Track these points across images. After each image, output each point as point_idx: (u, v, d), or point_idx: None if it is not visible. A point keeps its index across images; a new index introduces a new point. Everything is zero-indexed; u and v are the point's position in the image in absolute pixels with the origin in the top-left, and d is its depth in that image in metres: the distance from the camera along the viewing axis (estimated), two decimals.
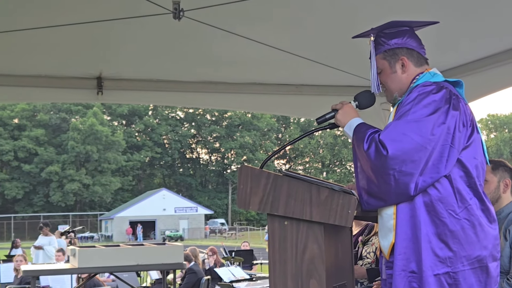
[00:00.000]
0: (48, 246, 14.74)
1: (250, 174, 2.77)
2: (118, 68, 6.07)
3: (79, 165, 79.59)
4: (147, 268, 6.53)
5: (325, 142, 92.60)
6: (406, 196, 2.69)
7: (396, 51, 2.99)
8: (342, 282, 2.88)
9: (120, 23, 4.74)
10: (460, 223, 2.69)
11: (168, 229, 67.19)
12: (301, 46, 5.47)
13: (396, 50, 2.99)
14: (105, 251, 5.39)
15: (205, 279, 10.50)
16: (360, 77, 6.33)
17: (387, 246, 2.80)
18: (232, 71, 6.26)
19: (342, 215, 2.63)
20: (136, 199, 75.82)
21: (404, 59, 2.99)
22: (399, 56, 2.99)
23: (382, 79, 3.06)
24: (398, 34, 3.00)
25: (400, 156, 2.64)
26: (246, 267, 12.77)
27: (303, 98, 6.81)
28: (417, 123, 2.68)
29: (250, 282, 9.50)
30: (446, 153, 2.70)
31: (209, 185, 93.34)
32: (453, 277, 2.67)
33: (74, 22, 4.79)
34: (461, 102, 2.82)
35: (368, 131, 2.79)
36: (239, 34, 4.98)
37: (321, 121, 3.03)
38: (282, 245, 2.73)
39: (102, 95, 6.19)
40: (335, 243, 2.85)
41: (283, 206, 2.70)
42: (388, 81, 3.03)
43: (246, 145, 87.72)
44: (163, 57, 5.86)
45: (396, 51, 2.99)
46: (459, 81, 2.96)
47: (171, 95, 6.54)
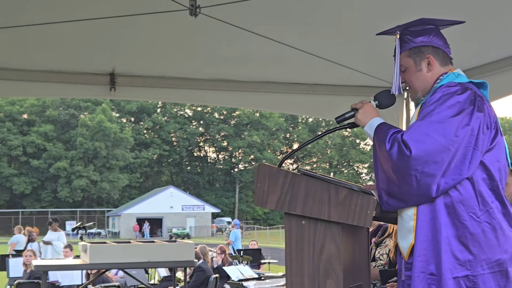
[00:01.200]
0: (57, 241, 14.78)
1: (268, 173, 2.74)
2: (131, 64, 6.06)
3: (87, 161, 79.82)
4: (157, 265, 6.52)
5: (333, 143, 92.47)
6: (427, 198, 2.66)
7: (422, 49, 2.95)
8: (358, 283, 2.85)
9: (134, 19, 4.73)
10: (481, 226, 2.66)
11: (175, 227, 67.26)
12: (315, 45, 5.44)
13: (422, 48, 2.95)
14: (116, 247, 5.38)
15: (213, 277, 10.50)
16: (374, 77, 6.32)
17: (406, 247, 2.77)
18: (245, 69, 6.25)
19: (360, 216, 2.60)
20: (143, 196, 75.96)
21: (430, 58, 2.95)
22: (425, 54, 2.95)
23: (406, 77, 3.01)
24: (424, 32, 2.96)
25: (423, 157, 2.61)
26: (254, 266, 12.75)
27: (316, 98, 6.78)
28: (441, 124, 2.65)
29: (258, 281, 9.48)
30: (469, 155, 2.67)
31: (216, 183, 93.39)
32: (473, 281, 2.64)
33: (87, 18, 4.78)
34: (485, 104, 2.78)
35: (390, 131, 2.75)
36: (255, 31, 4.96)
37: (340, 120, 3.00)
38: (299, 244, 2.71)
39: (115, 92, 6.18)
40: (352, 243, 2.83)
41: (300, 205, 2.68)
42: (412, 79, 2.99)
43: (254, 144, 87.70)
44: (177, 54, 5.85)
45: (422, 49, 2.95)
46: (483, 82, 2.92)
47: (184, 92, 6.51)
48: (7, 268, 12.20)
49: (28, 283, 9.92)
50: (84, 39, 5.37)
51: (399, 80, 2.99)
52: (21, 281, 9.99)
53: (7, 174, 76.10)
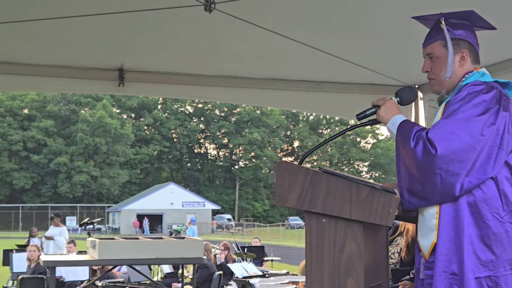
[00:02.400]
0: (59, 236, 14.78)
1: (288, 170, 2.72)
2: (140, 60, 6.04)
3: (87, 157, 79.85)
4: (166, 262, 6.51)
5: (334, 141, 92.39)
6: (451, 197, 2.64)
7: (460, 43, 2.92)
8: (378, 282, 2.83)
9: (144, 14, 4.71)
10: (504, 226, 2.64)
11: (175, 223, 67.28)
12: (324, 42, 5.41)
13: (460, 41, 2.92)
14: (125, 243, 5.36)
15: (217, 274, 10.48)
16: (382, 74, 6.29)
17: (427, 246, 2.74)
18: (254, 66, 6.23)
19: (383, 214, 2.58)
20: (144, 192, 75.99)
21: (465, 52, 2.92)
22: (461, 48, 2.92)
23: (435, 67, 2.96)
24: (463, 26, 2.93)
25: (448, 155, 2.59)
26: (257, 263, 12.72)
27: (323, 95, 6.76)
28: (467, 122, 2.63)
29: (263, 278, 9.46)
30: (494, 155, 2.65)
31: (216, 180, 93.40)
32: (495, 281, 2.62)
33: (97, 13, 4.76)
34: (511, 104, 2.76)
35: (414, 129, 2.72)
36: (266, 28, 4.93)
37: (361, 117, 2.96)
38: (320, 242, 2.69)
39: (123, 87, 6.16)
40: (372, 242, 2.81)
41: (321, 203, 2.65)
42: (442, 70, 2.93)
43: (255, 142, 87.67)
44: (186, 50, 5.82)
45: (459, 42, 2.92)
46: (509, 82, 2.88)
47: (192, 88, 6.49)
48: (11, 263, 12.18)
49: (32, 278, 9.89)
50: (93, 34, 5.36)
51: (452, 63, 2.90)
52: (24, 276, 9.96)
53: (7, 169, 76.13)
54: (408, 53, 5.67)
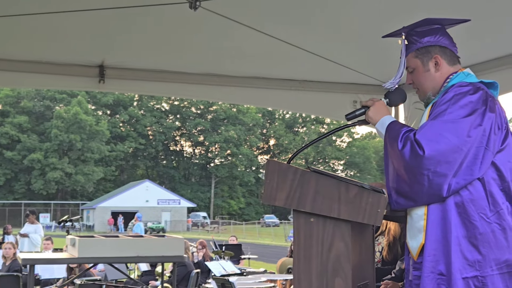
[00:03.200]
0: (34, 234, 14.64)
1: (277, 169, 2.72)
2: (121, 57, 6.00)
3: (62, 153, 79.11)
4: (147, 260, 6.47)
5: (310, 139, 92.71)
6: (438, 198, 2.65)
7: (429, 49, 2.94)
8: (365, 281, 2.84)
9: (127, 11, 4.68)
10: (490, 226, 2.66)
11: (150, 221, 66.98)
12: (308, 41, 5.42)
13: (429, 48, 2.94)
14: (105, 241, 5.32)
15: (194, 272, 10.46)
16: (365, 74, 6.33)
17: (416, 247, 2.76)
18: (237, 64, 6.22)
19: (371, 214, 2.59)
20: (119, 190, 75.51)
21: (437, 57, 2.94)
22: (432, 54, 2.94)
23: (414, 78, 3.01)
24: (431, 32, 2.95)
25: (436, 156, 2.60)
26: (234, 262, 12.71)
27: (306, 94, 6.77)
28: (454, 123, 2.64)
29: (241, 277, 9.45)
30: (481, 156, 2.66)
31: (192, 178, 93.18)
32: (482, 281, 2.64)
33: (79, 9, 4.72)
34: (497, 104, 2.78)
35: (402, 130, 2.74)
36: (252, 26, 4.92)
37: (350, 117, 2.98)
38: (308, 241, 2.69)
39: (104, 84, 6.12)
40: (359, 241, 2.81)
41: (310, 202, 2.66)
42: (421, 80, 2.98)
43: (231, 140, 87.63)
44: (168, 48, 5.80)
45: (429, 49, 2.95)
46: (494, 82, 2.91)
47: (174, 86, 6.46)
48: None
49: (7, 276, 9.76)
50: (74, 30, 5.31)
51: (399, 79, 2.99)
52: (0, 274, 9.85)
53: None
54: (389, 53, 5.70)
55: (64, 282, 7.20)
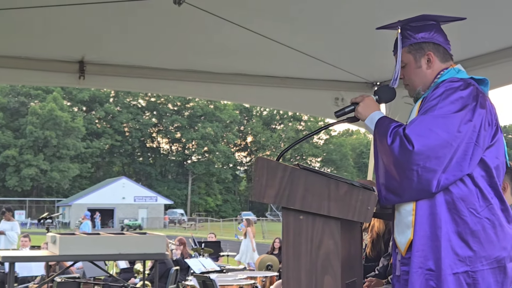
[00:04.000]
0: (11, 231, 14.44)
1: (266, 166, 2.69)
2: (102, 53, 5.94)
3: (37, 150, 78.32)
4: (128, 258, 6.42)
5: (287, 136, 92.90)
6: (427, 193, 2.65)
7: (423, 46, 2.93)
8: (353, 279, 2.84)
9: (106, 6, 4.63)
10: (481, 222, 2.66)
11: (127, 218, 66.65)
12: (290, 38, 5.41)
13: (423, 44, 2.93)
14: (87, 239, 5.27)
15: (174, 270, 10.41)
16: (345, 71, 6.34)
17: (404, 242, 2.75)
18: (218, 61, 6.19)
19: (361, 211, 2.58)
20: (95, 187, 75.01)
21: (430, 54, 2.93)
22: (426, 51, 2.93)
23: (405, 73, 2.99)
24: (425, 28, 2.94)
25: (425, 152, 2.59)
26: (213, 259, 12.68)
27: (287, 91, 6.77)
28: (444, 119, 2.64)
29: (220, 274, 9.42)
30: (470, 152, 2.66)
31: (169, 175, 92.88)
32: (472, 277, 2.64)
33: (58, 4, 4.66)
34: (487, 101, 2.78)
35: (391, 125, 2.73)
36: (233, 21, 4.89)
37: (340, 114, 2.96)
38: (297, 239, 2.67)
39: (84, 80, 6.06)
40: (348, 239, 2.80)
41: (300, 200, 2.64)
42: (412, 75, 2.97)
43: (208, 136, 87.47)
44: (150, 43, 5.75)
45: (422, 46, 2.93)
46: (484, 79, 2.91)
47: (155, 82, 6.43)
48: None
49: None
50: (53, 25, 5.25)
51: (398, 74, 2.97)
52: None
53: None
54: (370, 51, 5.73)
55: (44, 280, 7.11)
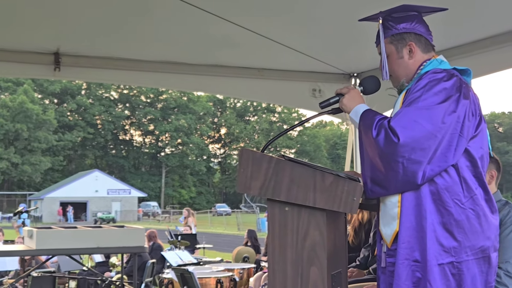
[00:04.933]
0: None
1: (251, 158, 2.68)
2: (77, 44, 5.86)
3: (7, 143, 77.34)
4: (107, 251, 6.37)
5: (261, 128, 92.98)
6: (413, 185, 2.66)
7: (404, 36, 2.94)
8: (338, 270, 2.83)
9: None
10: (465, 212, 2.67)
11: (100, 211, 66.20)
12: (266, 28, 5.38)
13: (404, 35, 2.93)
14: (64, 232, 5.20)
15: (150, 263, 10.37)
16: (323, 62, 6.33)
17: (390, 234, 2.76)
18: (195, 52, 6.14)
19: (347, 202, 2.57)
20: (67, 180, 74.38)
21: (412, 45, 2.93)
22: (407, 41, 2.94)
23: (388, 65, 2.98)
24: (407, 18, 2.94)
25: (410, 143, 2.60)
26: (189, 251, 12.63)
27: (264, 83, 6.75)
28: (428, 110, 2.64)
29: (198, 266, 9.38)
30: (455, 142, 2.67)
31: (142, 167, 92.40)
32: (457, 267, 2.65)
33: None
34: (470, 91, 2.79)
35: (376, 118, 2.73)
36: (207, 10, 4.84)
37: (324, 105, 2.95)
38: (282, 231, 2.66)
39: (60, 72, 5.98)
40: (333, 230, 2.80)
41: (285, 191, 2.63)
42: (394, 66, 2.96)
43: (181, 129, 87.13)
44: (126, 35, 5.68)
45: (404, 36, 2.94)
46: (467, 69, 2.92)
47: (131, 74, 6.37)
48: None
49: None
50: (27, 16, 5.15)
51: (386, 67, 2.96)
52: None
53: None
54: (348, 42, 5.73)
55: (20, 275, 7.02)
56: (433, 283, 2.63)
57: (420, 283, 2.65)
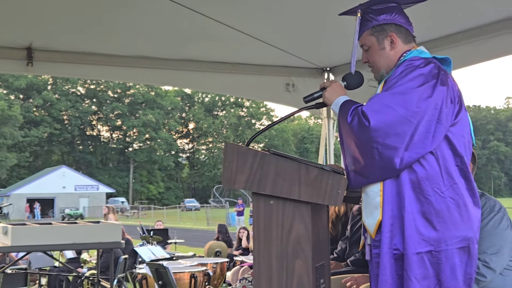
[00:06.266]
0: None
1: (236, 152, 2.69)
2: (50, 39, 5.80)
3: None
4: (83, 247, 6.30)
5: (229, 123, 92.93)
6: (392, 171, 2.66)
7: (385, 27, 2.96)
8: (321, 262, 2.86)
9: None
10: (445, 201, 2.68)
11: (67, 207, 65.51)
12: (240, 22, 5.38)
13: (385, 26, 2.96)
14: (40, 229, 5.15)
15: (122, 258, 10.30)
16: (296, 56, 6.36)
17: (373, 224, 2.77)
18: (169, 46, 6.12)
19: (331, 195, 2.60)
20: (34, 176, 73.44)
21: (393, 35, 2.95)
22: (388, 32, 2.96)
23: (369, 56, 3.01)
24: (387, 10, 2.96)
25: (382, 128, 2.61)
26: (161, 246, 12.60)
27: (238, 77, 6.76)
28: (402, 95, 2.65)
29: (171, 261, 9.37)
30: (432, 129, 2.67)
31: (109, 163, 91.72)
32: (436, 256, 2.67)
33: None
34: (449, 78, 2.80)
35: (352, 106, 2.75)
36: (183, 4, 4.83)
37: (308, 99, 2.96)
38: (268, 224, 2.68)
39: (32, 67, 5.91)
40: (317, 223, 2.82)
41: (270, 185, 2.64)
42: (376, 57, 2.99)
43: (149, 124, 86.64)
44: (98, 29, 5.62)
45: (384, 27, 2.96)
46: (447, 58, 2.94)
47: (105, 69, 6.33)
48: None
49: None
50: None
51: (354, 60, 2.99)
52: None
53: None
54: (321, 36, 5.77)
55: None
56: (409, 272, 2.64)
57: (402, 272, 2.67)
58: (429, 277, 2.67)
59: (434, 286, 2.68)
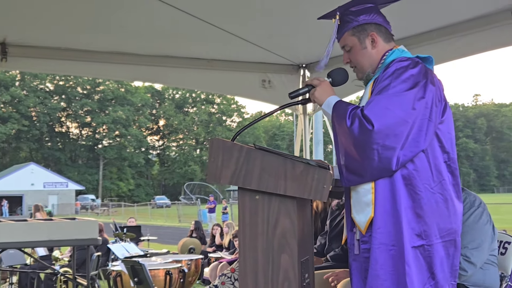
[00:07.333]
0: None
1: (222, 147, 2.69)
2: (25, 34, 5.72)
3: None
4: (59, 244, 6.26)
5: (200, 119, 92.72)
6: (388, 171, 2.72)
7: (365, 27, 3.02)
8: (306, 257, 2.88)
9: None
10: (434, 197, 2.76)
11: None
12: (217, 18, 5.36)
13: (365, 26, 3.02)
14: (16, 226, 5.09)
15: (95, 255, 10.24)
16: (272, 52, 6.37)
17: (364, 221, 2.81)
18: (144, 42, 6.07)
19: (317, 190, 2.61)
20: (2, 173, 72.47)
21: (373, 35, 3.01)
22: (369, 32, 3.02)
23: (352, 57, 3.07)
24: (365, 10, 3.02)
25: (384, 130, 2.66)
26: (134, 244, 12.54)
27: (214, 73, 6.74)
28: (398, 97, 2.71)
29: (145, 258, 9.34)
30: (425, 128, 2.74)
31: (79, 160, 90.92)
32: (428, 250, 2.74)
33: None
34: (435, 77, 2.88)
35: (348, 107, 2.78)
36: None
37: (294, 96, 2.98)
38: (253, 219, 2.68)
39: (6, 62, 5.83)
40: (302, 217, 2.84)
41: (256, 180, 2.65)
42: (358, 57, 3.04)
43: (119, 120, 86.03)
44: (74, 25, 5.56)
45: (365, 27, 3.02)
46: (429, 57, 3.01)
47: (81, 65, 6.25)
48: None
49: None
50: None
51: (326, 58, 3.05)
52: None
53: None
54: (297, 33, 5.79)
55: None
56: (405, 266, 2.70)
57: (398, 267, 2.72)
58: (423, 270, 2.75)
59: (428, 278, 2.76)
